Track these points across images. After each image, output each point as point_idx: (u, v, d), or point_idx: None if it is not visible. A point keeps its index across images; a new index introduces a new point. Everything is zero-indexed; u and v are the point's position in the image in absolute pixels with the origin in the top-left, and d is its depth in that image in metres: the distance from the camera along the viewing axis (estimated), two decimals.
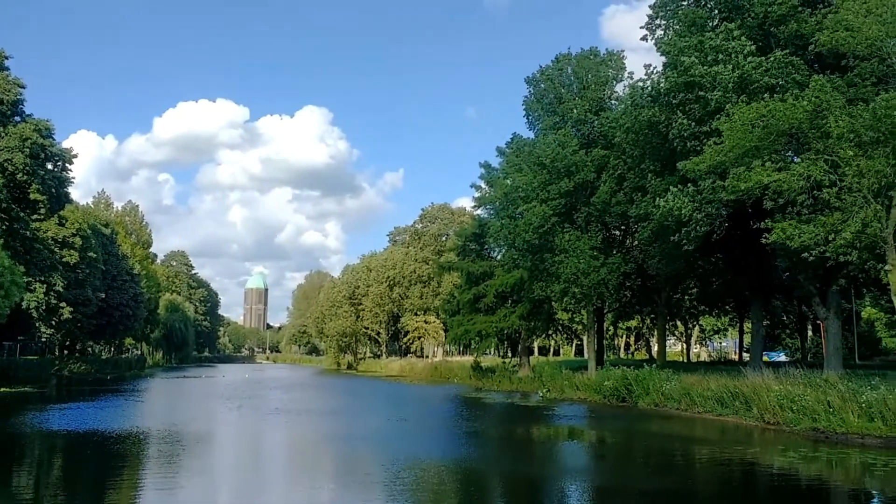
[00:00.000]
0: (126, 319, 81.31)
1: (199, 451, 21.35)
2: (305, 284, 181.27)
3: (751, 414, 26.61)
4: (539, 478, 17.49)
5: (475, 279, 56.72)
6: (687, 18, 32.32)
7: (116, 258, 78.34)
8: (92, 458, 19.62)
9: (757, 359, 36.48)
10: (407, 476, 16.65)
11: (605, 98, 45.17)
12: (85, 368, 69.97)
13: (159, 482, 16.13)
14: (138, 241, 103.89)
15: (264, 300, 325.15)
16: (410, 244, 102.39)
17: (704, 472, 18.48)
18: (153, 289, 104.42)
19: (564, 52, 46.85)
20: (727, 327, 76.50)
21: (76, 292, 60.76)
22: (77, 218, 62.04)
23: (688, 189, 29.15)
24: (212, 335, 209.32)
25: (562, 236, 41.06)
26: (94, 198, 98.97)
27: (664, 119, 32.06)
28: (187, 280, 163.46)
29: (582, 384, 40.91)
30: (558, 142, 41.82)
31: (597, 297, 41.68)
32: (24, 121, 48.34)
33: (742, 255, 35.90)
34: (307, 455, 21.42)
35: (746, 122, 25.61)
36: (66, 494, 14.95)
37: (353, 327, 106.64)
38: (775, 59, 27.93)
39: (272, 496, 15.06)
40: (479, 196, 54.15)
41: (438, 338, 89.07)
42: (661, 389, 33.03)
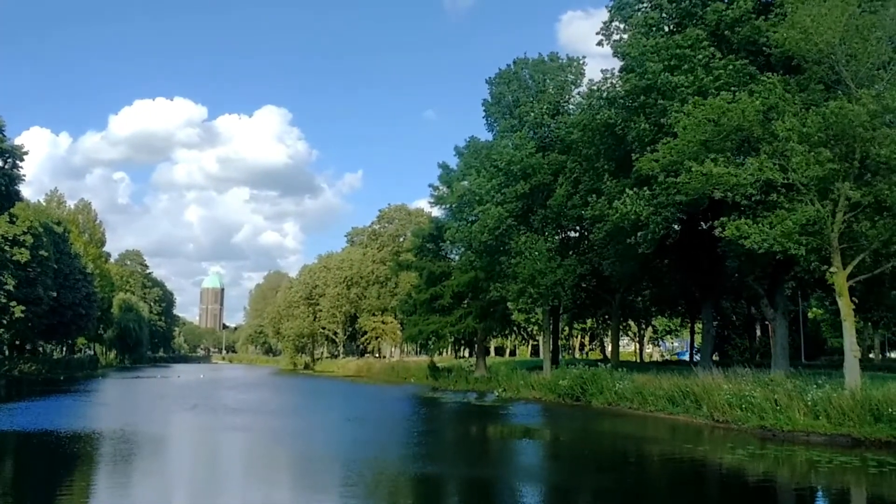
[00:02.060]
0: (78, 319, 79.68)
1: (152, 452, 21.11)
2: (263, 284, 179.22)
3: (701, 412, 27.15)
4: (492, 477, 17.72)
5: (433, 279, 56.89)
6: (641, 23, 32.99)
7: (69, 257, 76.75)
8: (42, 459, 19.30)
9: (707, 358, 37.34)
10: (361, 477, 16.74)
11: (562, 102, 45.73)
12: (36, 368, 68.44)
13: (111, 483, 15.95)
14: (91, 240, 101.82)
15: (220, 300, 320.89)
16: (368, 245, 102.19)
17: (654, 470, 18.94)
18: (107, 288, 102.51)
19: (521, 56, 47.38)
20: (679, 328, 78.00)
21: (27, 291, 59.44)
22: (28, 216, 60.69)
23: (644, 192, 29.72)
24: (167, 335, 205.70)
25: (518, 238, 41.49)
26: (46, 195, 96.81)
27: (620, 122, 32.65)
28: (142, 279, 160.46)
29: (537, 384, 41.33)
30: (514, 144, 42.26)
31: (553, 297, 42.18)
32: None
33: (694, 258, 36.73)
34: (261, 455, 21.32)
35: (700, 120, 26.18)
36: (14, 494, 14.74)
37: (310, 327, 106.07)
38: (734, 67, 28.69)
39: (226, 497, 15.05)
40: (436, 196, 54.36)
41: (396, 338, 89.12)
42: (615, 389, 33.53)
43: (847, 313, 25.21)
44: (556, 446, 24.28)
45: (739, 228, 25.38)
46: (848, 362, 24.82)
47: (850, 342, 24.97)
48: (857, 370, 24.55)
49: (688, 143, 26.48)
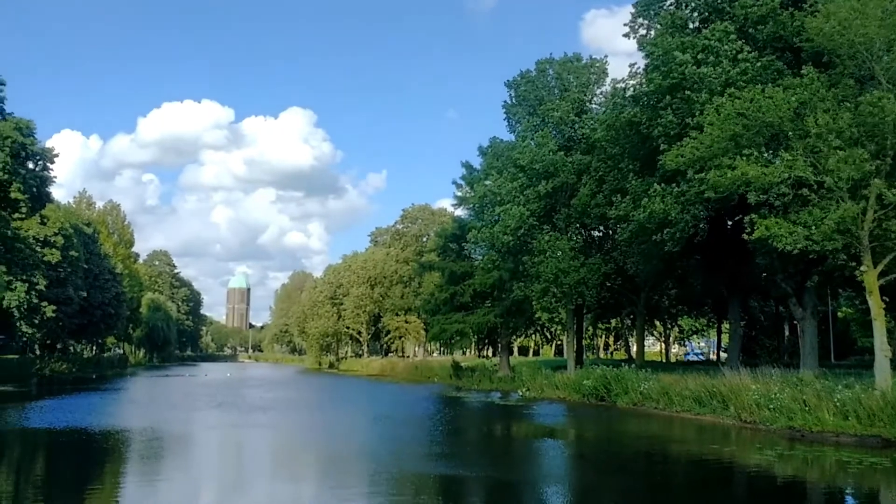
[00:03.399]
0: (108, 318, 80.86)
1: (180, 449, 21.42)
2: (288, 284, 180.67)
3: (728, 413, 26.92)
4: (517, 477, 17.70)
5: (455, 279, 56.96)
6: (667, 20, 32.81)
7: (98, 257, 77.91)
8: (72, 456, 19.66)
9: (734, 358, 36.99)
10: (386, 475, 16.80)
11: (586, 101, 45.61)
12: (66, 367, 69.49)
13: (140, 479, 16.24)
14: (120, 241, 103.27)
15: (247, 300, 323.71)
16: (391, 245, 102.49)
17: (681, 471, 18.82)
18: (135, 288, 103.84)
19: (546, 56, 47.40)
20: (706, 328, 77.29)
21: (58, 291, 60.42)
22: (59, 217, 61.71)
23: (672, 189, 29.52)
24: (194, 334, 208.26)
25: (541, 237, 41.41)
26: (75, 197, 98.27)
27: (645, 119, 32.48)
28: (170, 279, 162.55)
29: (561, 383, 41.19)
30: (538, 143, 42.18)
31: (576, 296, 42.07)
32: (4, 119, 47.97)
33: (720, 256, 36.41)
34: (288, 453, 21.53)
35: (731, 114, 25.94)
36: (45, 491, 15.02)
37: (335, 327, 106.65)
38: (761, 63, 28.43)
39: (254, 493, 15.21)
40: (459, 196, 54.48)
41: (419, 337, 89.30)
42: (640, 389, 33.33)
43: (877, 312, 24.87)
44: (581, 446, 24.20)
45: (769, 228, 25.10)
46: (878, 362, 24.50)
47: (880, 341, 24.63)
48: (887, 370, 24.21)
49: (716, 138, 26.26)
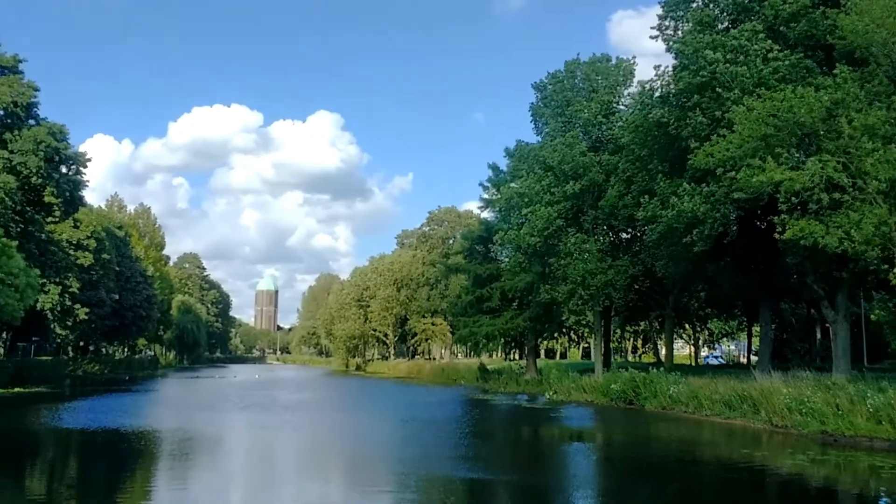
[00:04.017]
0: (139, 320, 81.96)
1: (210, 449, 21.66)
2: (315, 286, 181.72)
3: (759, 417, 26.63)
4: (545, 481, 17.66)
5: (481, 281, 56.93)
6: (697, 18, 32.53)
7: (130, 260, 78.99)
8: (105, 455, 19.98)
9: (765, 362, 36.52)
10: (414, 478, 16.83)
11: (614, 102, 45.38)
12: (98, 369, 70.54)
13: (171, 479, 16.46)
14: (151, 244, 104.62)
15: (275, 302, 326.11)
16: (418, 247, 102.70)
17: (711, 475, 18.61)
18: (166, 290, 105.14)
19: (573, 57, 47.26)
20: (735, 331, 76.38)
21: (90, 294, 61.32)
22: (91, 220, 62.63)
23: (701, 189, 29.27)
24: (223, 336, 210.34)
25: (567, 239, 41.26)
26: (108, 201, 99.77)
27: (674, 120, 32.24)
28: (199, 282, 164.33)
29: (589, 386, 41.00)
30: (566, 143, 42.01)
31: (604, 298, 41.83)
32: (38, 124, 48.86)
33: (751, 258, 35.99)
34: (316, 454, 21.66)
35: (762, 113, 25.64)
36: (78, 491, 15.27)
37: (362, 329, 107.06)
38: (790, 62, 28.10)
39: (282, 493, 15.33)
40: (485, 198, 54.47)
41: (445, 339, 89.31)
42: (669, 392, 33.11)
43: None
44: (609, 449, 24.07)
45: (803, 230, 24.76)
46: None
47: None
48: None
49: (746, 138, 25.99)
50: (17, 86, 47.41)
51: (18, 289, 39.26)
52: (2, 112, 46.75)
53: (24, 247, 44.70)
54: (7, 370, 48.22)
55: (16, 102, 46.79)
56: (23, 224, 47.16)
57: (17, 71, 49.50)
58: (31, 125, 48.43)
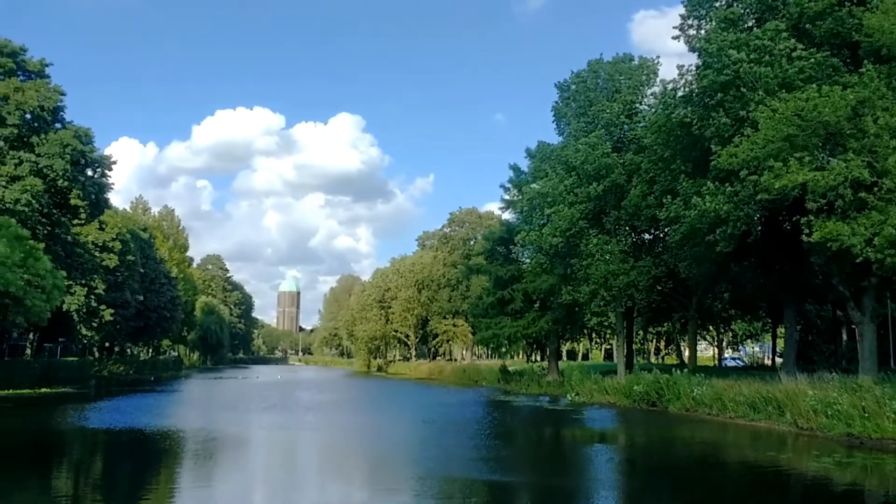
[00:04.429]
0: (163, 321, 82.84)
1: (233, 449, 21.80)
2: (337, 288, 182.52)
3: (784, 419, 26.35)
4: (567, 483, 17.58)
5: (503, 283, 56.85)
6: (720, 17, 32.25)
7: (154, 262, 79.85)
8: (130, 455, 20.20)
9: (790, 363, 36.10)
10: (436, 479, 16.82)
11: (636, 102, 45.13)
12: (123, 369, 71.38)
13: (195, 478, 16.59)
14: (175, 245, 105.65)
15: (297, 303, 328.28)
16: (439, 248, 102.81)
17: (736, 478, 18.41)
18: (190, 292, 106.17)
19: (596, 57, 47.09)
20: (760, 332, 75.58)
21: (115, 295, 62.03)
22: (116, 223, 63.38)
23: (724, 188, 29.02)
24: (246, 337, 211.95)
25: (589, 240, 41.09)
26: (132, 203, 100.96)
27: (697, 120, 31.99)
28: (223, 283, 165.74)
29: (611, 388, 40.80)
30: (589, 143, 41.82)
31: (626, 299, 41.60)
32: (64, 128, 49.57)
33: (775, 258, 35.61)
34: (338, 455, 21.72)
35: (785, 115, 25.36)
36: (104, 490, 15.45)
37: (383, 330, 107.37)
38: (816, 60, 27.79)
39: (304, 493, 15.41)
40: (506, 199, 54.39)
41: (467, 341, 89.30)
42: (693, 394, 32.85)
43: None
44: (632, 451, 23.90)
45: (830, 232, 24.44)
46: None
47: None
48: None
49: (770, 139, 25.72)
50: (44, 90, 48.15)
51: (45, 290, 39.78)
52: (29, 116, 47.48)
53: (50, 249, 45.31)
54: (34, 371, 48.90)
55: (42, 106, 47.50)
56: (49, 226, 47.83)
57: (43, 75, 50.27)
58: (57, 129, 49.16)
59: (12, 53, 48.96)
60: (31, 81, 48.77)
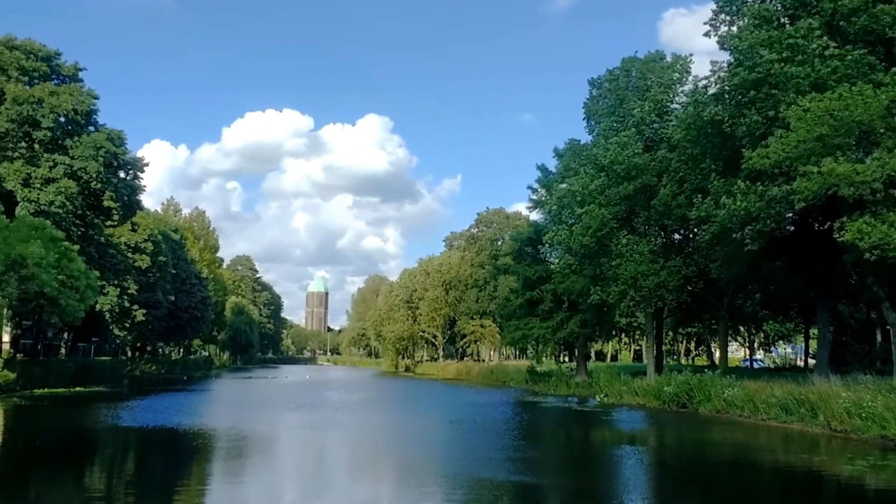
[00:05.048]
0: (194, 321, 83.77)
1: (263, 449, 22.01)
2: (364, 288, 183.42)
3: (817, 421, 26.00)
4: (597, 486, 17.50)
5: (531, 284, 56.69)
6: (753, 14, 31.83)
7: (185, 262, 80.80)
8: (162, 453, 20.53)
9: (823, 365, 35.54)
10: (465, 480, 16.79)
11: (667, 101, 44.65)
12: (155, 369, 72.36)
13: (227, 477, 16.78)
14: (206, 246, 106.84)
15: (325, 304, 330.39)
16: (466, 248, 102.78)
17: (768, 481, 18.17)
18: (220, 292, 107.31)
19: (627, 55, 46.65)
20: (792, 333, 74.49)
21: (147, 295, 62.88)
22: (148, 224, 64.30)
23: (756, 187, 28.68)
24: (275, 337, 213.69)
25: (619, 240, 40.81)
26: (163, 204, 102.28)
27: (728, 118, 31.63)
28: (252, 284, 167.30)
29: (641, 389, 40.50)
30: (620, 143, 41.50)
31: (656, 300, 41.25)
32: (97, 130, 50.34)
33: (807, 258, 35.10)
34: (366, 454, 21.81)
35: (817, 114, 25.01)
36: (136, 487, 15.67)
37: (411, 330, 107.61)
38: (852, 58, 27.36)
39: (333, 492, 15.50)
40: (534, 199, 54.19)
41: (494, 341, 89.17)
42: (724, 396, 32.50)
43: None
44: (663, 453, 23.70)
45: (861, 231, 24.08)
46: None
47: None
48: None
49: (802, 140, 25.38)
50: (78, 94, 48.94)
51: (79, 290, 40.47)
52: (63, 119, 48.29)
53: (84, 250, 46.03)
54: (68, 370, 49.80)
55: (76, 110, 48.28)
56: (83, 228, 48.61)
57: (77, 79, 51.13)
58: (90, 132, 49.94)
59: (47, 58, 49.86)
60: (66, 85, 49.62)
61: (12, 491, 14.67)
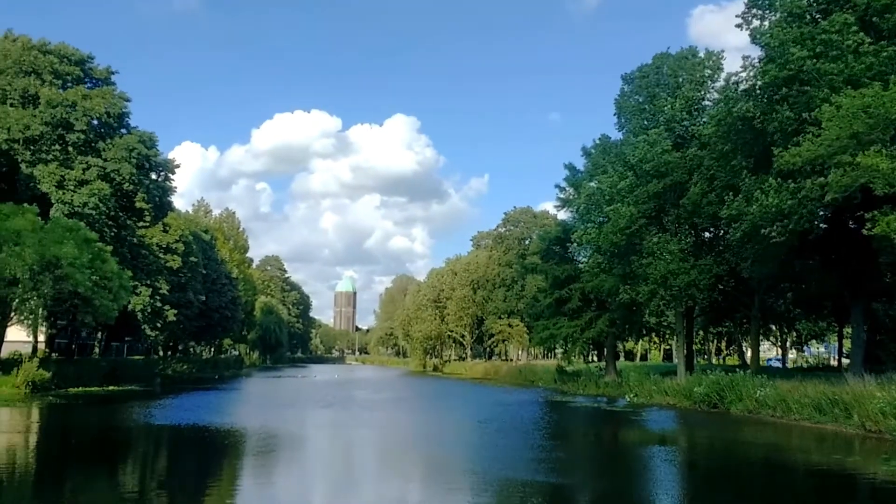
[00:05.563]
0: (225, 321, 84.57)
1: (293, 447, 22.20)
2: (392, 288, 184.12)
3: (851, 422, 25.61)
4: (627, 487, 17.39)
5: (559, 283, 56.46)
6: (785, 9, 31.39)
7: (216, 263, 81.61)
8: (194, 451, 20.79)
9: (858, 364, 34.95)
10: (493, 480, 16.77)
11: (698, 98, 44.12)
12: (187, 368, 73.12)
13: (257, 475, 16.95)
14: (235, 247, 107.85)
15: (353, 303, 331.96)
16: (494, 248, 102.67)
17: (801, 482, 17.95)
18: (249, 292, 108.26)
19: (656, 53, 46.19)
20: (825, 332, 73.27)
21: (179, 295, 63.61)
22: (180, 225, 65.05)
23: (788, 185, 28.29)
24: (304, 337, 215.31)
25: (649, 239, 40.48)
26: (194, 205, 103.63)
27: (759, 114, 31.24)
28: (281, 284, 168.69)
29: (671, 389, 40.17)
30: (649, 141, 41.15)
31: (686, 299, 40.86)
32: (129, 133, 51.13)
33: (841, 256, 34.53)
34: (394, 453, 21.87)
35: (854, 110, 24.61)
36: (169, 484, 15.89)
37: (438, 330, 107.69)
38: (887, 54, 26.88)
39: (362, 490, 15.58)
40: (562, 198, 53.93)
41: (522, 341, 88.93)
42: (755, 396, 32.13)
43: None
44: (693, 454, 23.48)
45: (890, 224, 23.67)
46: None
47: None
48: None
49: (835, 137, 24.99)
50: (110, 97, 49.74)
51: (112, 291, 41.09)
52: (96, 122, 49.12)
53: (117, 251, 46.71)
54: (102, 369, 50.59)
55: (109, 113, 49.06)
56: (116, 229, 49.36)
57: (109, 83, 51.97)
58: (122, 134, 50.76)
59: (80, 62, 50.76)
60: (98, 88, 50.48)
61: (50, 487, 14.98)
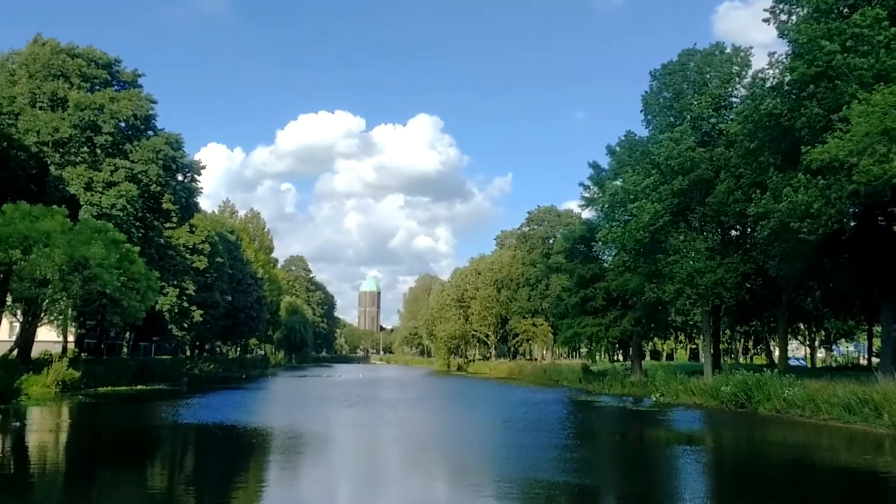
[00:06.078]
0: (250, 321, 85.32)
1: (318, 446, 22.28)
2: (416, 288, 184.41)
3: (881, 421, 25.24)
4: (653, 488, 17.28)
5: (584, 282, 56.20)
6: (813, 4, 30.94)
7: (241, 263, 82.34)
8: (221, 449, 20.98)
9: (888, 364, 34.39)
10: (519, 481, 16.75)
11: (725, 96, 43.59)
12: (213, 367, 73.90)
13: (283, 473, 17.08)
14: (261, 247, 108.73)
15: (377, 303, 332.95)
16: (517, 247, 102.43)
17: (830, 483, 17.70)
18: (275, 292, 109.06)
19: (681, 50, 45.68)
20: (854, 331, 72.21)
21: (205, 295, 64.29)
22: (206, 226, 65.73)
23: (817, 181, 27.91)
24: (329, 336, 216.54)
25: (675, 237, 40.12)
26: (220, 206, 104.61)
27: (787, 111, 30.84)
28: (306, 284, 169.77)
29: (697, 389, 39.79)
30: (673, 138, 40.76)
31: (713, 298, 40.45)
32: (156, 134, 51.73)
33: (871, 254, 33.99)
34: (419, 453, 21.90)
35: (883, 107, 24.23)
36: (196, 482, 16.06)
37: (462, 329, 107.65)
38: None
39: (387, 490, 15.61)
40: (586, 197, 53.64)
41: (547, 340, 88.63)
42: (784, 395, 31.74)
43: None
44: (721, 454, 23.26)
45: None
46: None
47: None
48: None
49: (865, 133, 24.61)
50: (137, 99, 50.35)
51: (140, 291, 41.59)
52: (123, 124, 49.75)
53: (144, 252, 47.25)
54: (130, 368, 51.26)
55: (136, 115, 49.67)
56: (143, 230, 49.96)
57: (136, 85, 52.62)
58: (149, 136, 51.35)
59: (107, 65, 51.45)
60: (125, 91, 51.11)
61: (80, 485, 15.21)
